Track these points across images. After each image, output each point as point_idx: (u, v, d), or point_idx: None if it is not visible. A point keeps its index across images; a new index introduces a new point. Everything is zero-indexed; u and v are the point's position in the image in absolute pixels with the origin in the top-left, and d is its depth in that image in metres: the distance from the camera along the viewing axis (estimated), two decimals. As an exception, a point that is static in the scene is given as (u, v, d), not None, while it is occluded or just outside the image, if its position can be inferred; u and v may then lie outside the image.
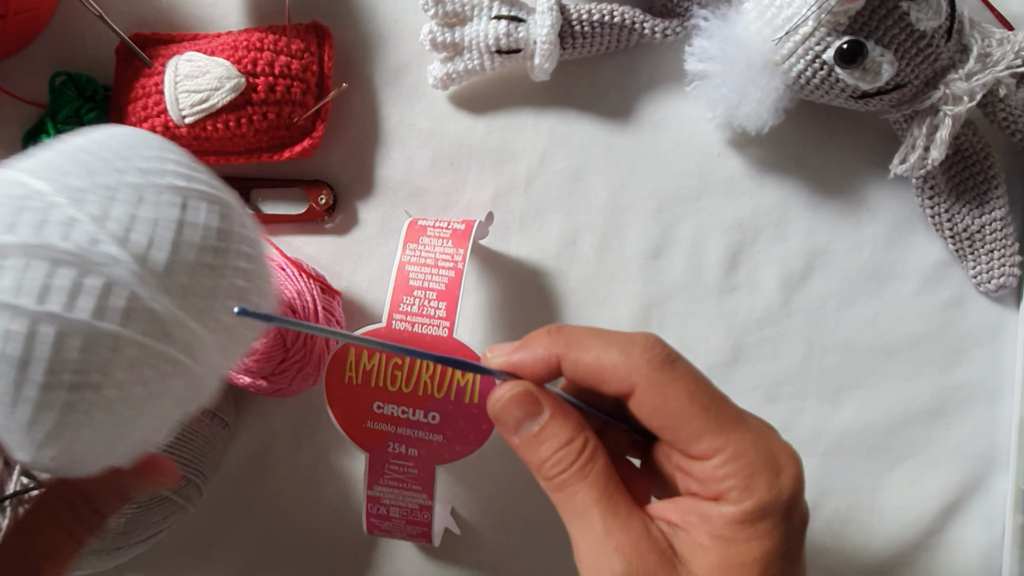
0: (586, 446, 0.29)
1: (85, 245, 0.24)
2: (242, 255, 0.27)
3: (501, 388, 0.30)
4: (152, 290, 0.24)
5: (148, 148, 0.27)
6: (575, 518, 0.28)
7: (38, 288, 0.23)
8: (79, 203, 0.24)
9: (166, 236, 0.25)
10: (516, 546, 0.48)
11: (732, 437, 0.27)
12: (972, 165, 0.46)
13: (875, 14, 0.40)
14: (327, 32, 0.46)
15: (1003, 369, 0.48)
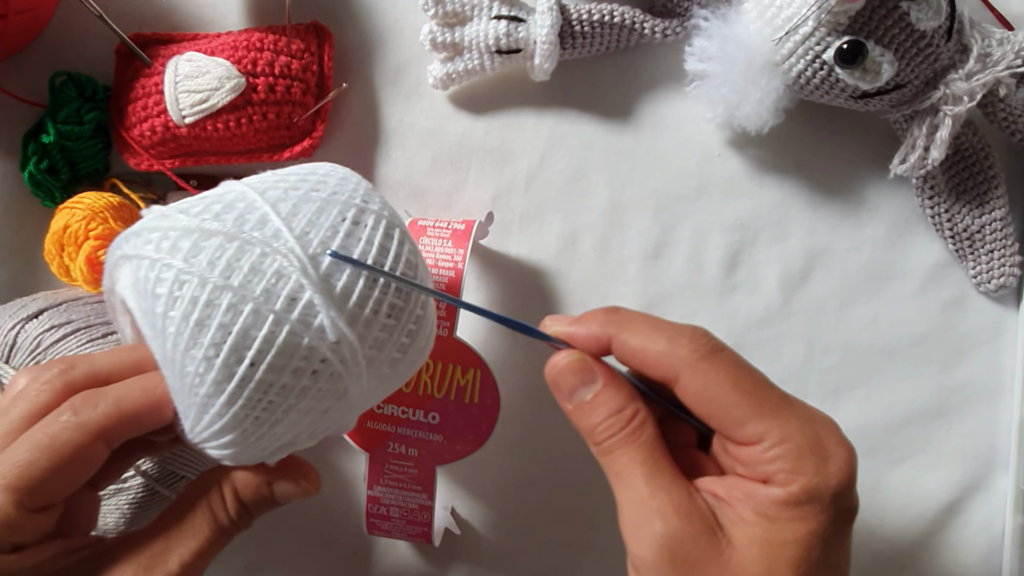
0: (636, 415, 0.29)
1: (270, 237, 0.28)
2: (402, 272, 0.30)
3: (558, 355, 0.31)
4: (314, 285, 0.28)
5: (344, 178, 0.32)
6: (620, 481, 0.29)
7: (224, 265, 0.27)
8: (274, 205, 0.29)
9: (334, 241, 0.29)
10: (516, 546, 0.48)
11: (777, 422, 0.27)
12: (972, 165, 0.46)
13: (875, 14, 0.40)
14: (327, 32, 0.46)
15: (1003, 369, 0.48)
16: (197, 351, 0.27)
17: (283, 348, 0.28)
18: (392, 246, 0.30)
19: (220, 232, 0.28)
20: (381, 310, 0.29)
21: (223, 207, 0.29)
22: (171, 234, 0.28)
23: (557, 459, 0.47)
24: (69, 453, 0.28)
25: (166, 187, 0.47)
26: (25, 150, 0.44)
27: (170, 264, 0.28)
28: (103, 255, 0.42)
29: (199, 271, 0.27)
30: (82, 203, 0.42)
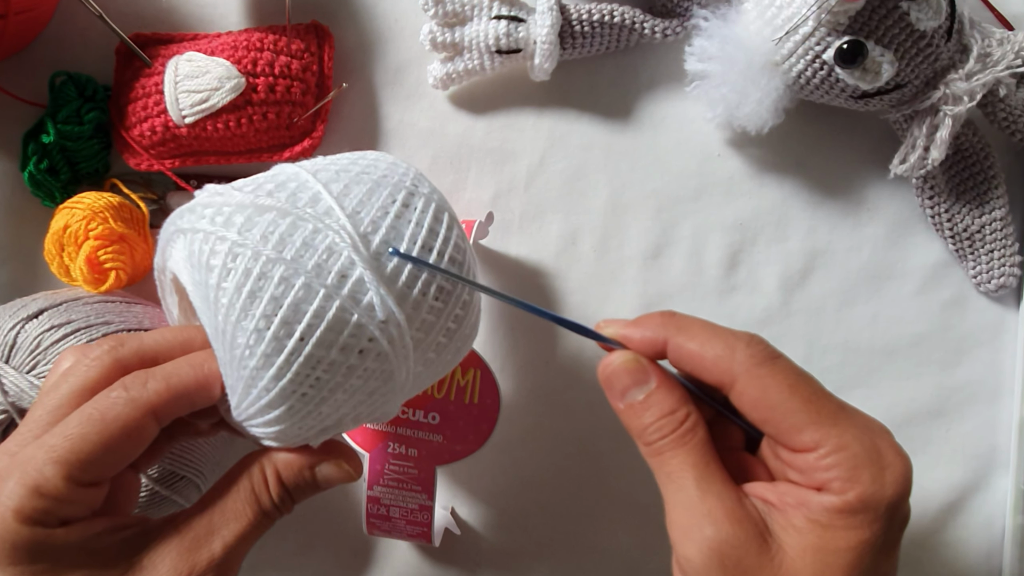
0: (688, 418, 0.29)
1: (322, 213, 0.28)
2: (451, 256, 0.30)
3: (613, 355, 0.31)
4: (365, 262, 0.28)
5: (394, 163, 0.32)
6: (670, 483, 0.29)
7: (277, 239, 0.28)
8: (326, 185, 0.30)
9: (384, 220, 0.29)
10: (516, 546, 0.48)
11: (835, 431, 0.27)
12: (972, 165, 0.46)
13: (875, 14, 0.40)
14: (327, 32, 0.46)
15: (1003, 369, 0.48)
16: (248, 322, 0.27)
17: (332, 323, 0.28)
18: (441, 229, 0.31)
19: (274, 208, 0.28)
20: (430, 292, 0.30)
21: (276, 185, 0.30)
22: (225, 209, 0.29)
23: (557, 459, 0.47)
24: (120, 429, 0.28)
25: (166, 187, 0.47)
26: (25, 150, 0.44)
27: (224, 236, 0.28)
28: (103, 255, 0.42)
29: (252, 244, 0.28)
30: (82, 203, 0.42)
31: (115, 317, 0.41)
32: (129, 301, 0.43)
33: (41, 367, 0.38)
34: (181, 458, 0.40)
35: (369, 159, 0.32)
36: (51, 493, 0.27)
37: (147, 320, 0.42)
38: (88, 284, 0.42)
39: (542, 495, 0.48)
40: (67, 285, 0.44)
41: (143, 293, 0.46)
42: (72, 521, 0.28)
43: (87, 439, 0.28)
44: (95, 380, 0.30)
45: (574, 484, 0.47)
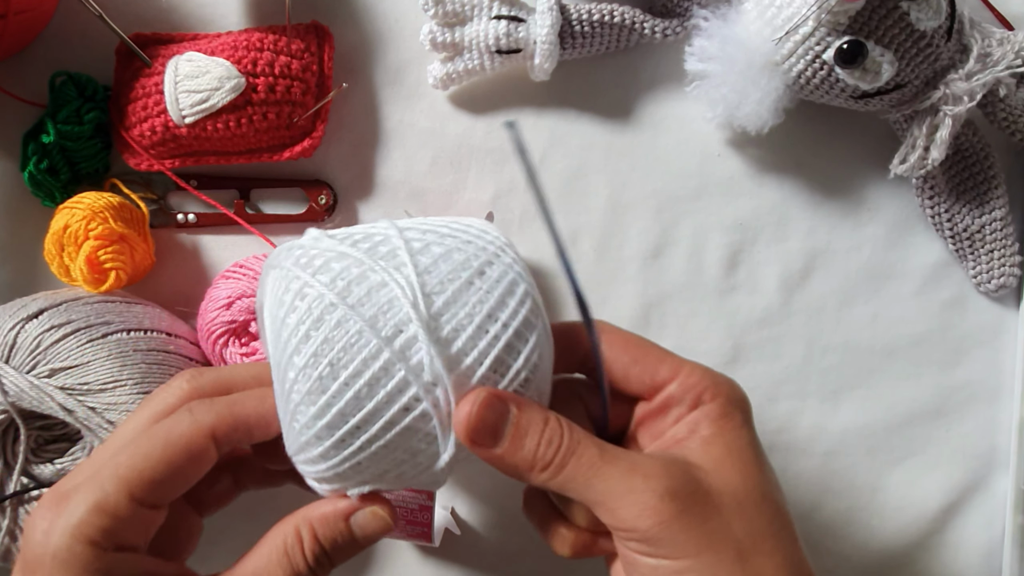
0: (559, 419, 0.29)
1: (392, 267, 0.29)
2: (517, 330, 0.29)
3: (464, 405, 0.28)
4: (421, 320, 0.28)
5: (484, 232, 0.32)
6: (592, 479, 0.28)
7: (344, 285, 0.29)
8: (408, 242, 0.30)
9: (453, 284, 0.29)
10: (516, 546, 0.48)
11: (678, 358, 0.31)
12: (972, 165, 0.46)
13: (875, 14, 0.40)
14: (327, 32, 0.46)
15: (1003, 369, 0.48)
16: (299, 359, 0.28)
17: (378, 374, 0.28)
18: (511, 302, 0.30)
19: (351, 256, 0.30)
20: (485, 362, 0.29)
21: (364, 236, 0.31)
22: (312, 252, 0.30)
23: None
24: (182, 447, 0.29)
25: (166, 187, 0.47)
26: (25, 150, 0.44)
27: (299, 276, 0.29)
28: (103, 255, 0.42)
29: (320, 286, 0.29)
30: (82, 203, 0.42)
31: (115, 317, 0.41)
32: (129, 301, 0.43)
33: (41, 367, 0.38)
34: None
35: (463, 224, 0.32)
36: (111, 511, 0.27)
37: (147, 320, 0.42)
38: (88, 284, 0.42)
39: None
40: (67, 285, 0.44)
41: (143, 293, 0.46)
42: (126, 548, 0.28)
43: (149, 457, 0.28)
44: (172, 406, 0.31)
45: (574, 484, 0.47)
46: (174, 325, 0.44)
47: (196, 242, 0.47)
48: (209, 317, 0.43)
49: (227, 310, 0.42)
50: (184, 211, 0.47)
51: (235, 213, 0.46)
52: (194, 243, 0.47)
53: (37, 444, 0.40)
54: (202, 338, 0.43)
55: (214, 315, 0.43)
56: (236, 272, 0.44)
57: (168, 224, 0.47)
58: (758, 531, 0.28)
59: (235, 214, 0.46)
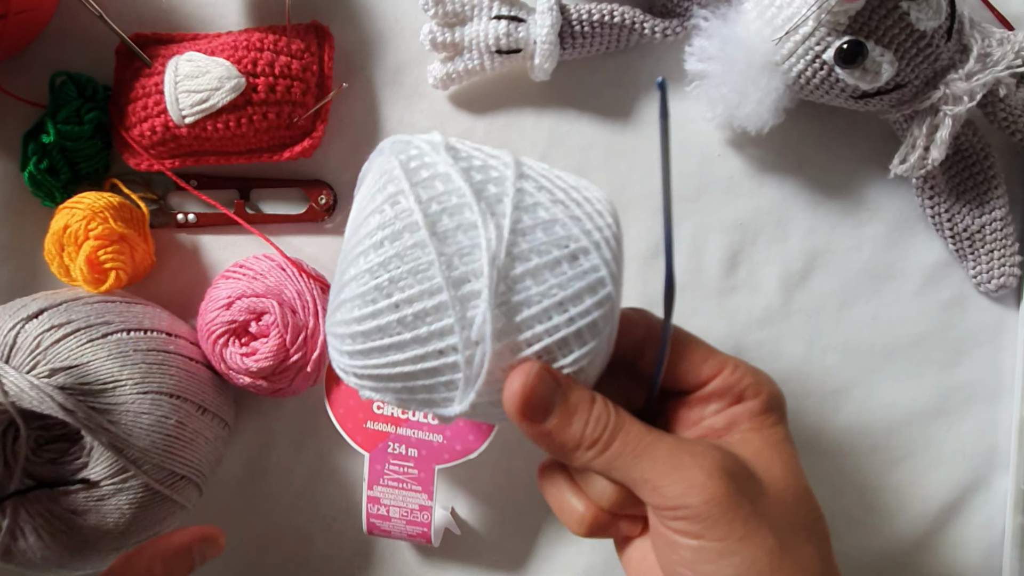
0: (604, 399, 0.30)
1: (490, 212, 0.28)
2: (580, 330, 0.29)
3: (517, 377, 0.28)
4: (491, 281, 0.28)
5: (599, 214, 0.31)
6: (640, 457, 0.28)
7: (439, 209, 0.28)
8: (520, 190, 0.29)
9: (540, 257, 0.29)
10: (516, 546, 0.48)
11: (722, 354, 0.32)
12: (972, 165, 0.46)
13: (875, 14, 0.40)
14: (327, 32, 0.46)
15: (1003, 369, 0.48)
16: (364, 261, 0.29)
17: (429, 311, 0.28)
18: (588, 301, 0.29)
19: (456, 184, 0.29)
20: (535, 345, 0.29)
21: (482, 166, 0.30)
22: (425, 159, 0.29)
23: (557, 459, 0.47)
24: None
25: (166, 187, 0.47)
26: (25, 150, 0.44)
27: (400, 180, 0.29)
28: (103, 255, 0.42)
29: (414, 201, 0.28)
30: (82, 203, 0.42)
31: (115, 317, 0.41)
32: (129, 301, 0.43)
33: (41, 367, 0.38)
34: (180, 457, 0.40)
35: (584, 195, 0.31)
36: None
37: (147, 320, 0.42)
38: (88, 284, 0.42)
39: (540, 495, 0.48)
40: (67, 285, 0.44)
41: (143, 293, 0.46)
42: None
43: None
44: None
45: (574, 484, 0.47)
46: (174, 325, 0.44)
47: (196, 242, 0.47)
48: (209, 317, 0.43)
49: (227, 310, 0.42)
50: (184, 211, 0.47)
51: (235, 213, 0.46)
52: (194, 243, 0.47)
53: (37, 444, 0.40)
54: (202, 338, 0.43)
55: (214, 315, 0.43)
56: (236, 272, 0.44)
57: (168, 224, 0.47)
58: (798, 523, 0.29)
59: (235, 214, 0.46)
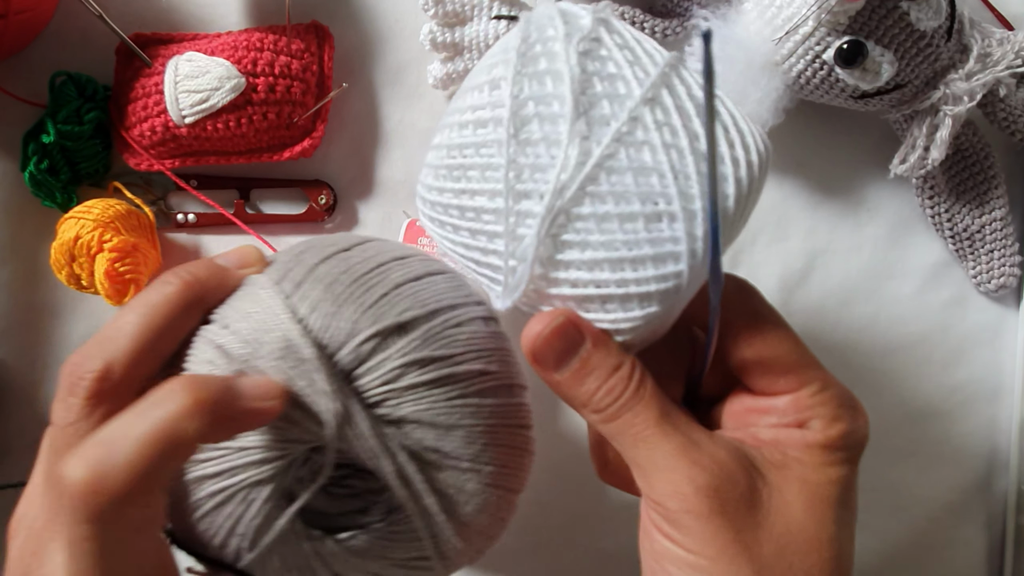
0: (634, 370, 0.27)
1: (582, 139, 0.25)
2: (626, 299, 0.27)
3: (538, 322, 0.27)
4: (548, 215, 0.26)
5: (742, 158, 0.27)
6: (639, 442, 0.27)
7: (528, 115, 0.26)
8: (631, 122, 0.26)
9: (613, 207, 0.25)
10: (516, 546, 0.48)
11: (820, 373, 0.28)
12: (972, 165, 0.46)
13: (875, 14, 0.40)
14: (327, 32, 0.46)
15: (1003, 369, 0.48)
16: (446, 134, 0.28)
17: (481, 210, 0.27)
18: (652, 271, 0.26)
19: (564, 95, 0.25)
20: (576, 291, 0.27)
21: (611, 76, 0.26)
22: (549, 45, 0.26)
23: (556, 459, 0.47)
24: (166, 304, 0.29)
25: (166, 187, 0.47)
26: (25, 150, 0.44)
27: (511, 64, 0.26)
28: (121, 267, 0.42)
29: (511, 97, 0.26)
30: (91, 213, 0.42)
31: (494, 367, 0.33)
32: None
33: (386, 407, 0.29)
34: (477, 555, 0.34)
35: (730, 145, 0.27)
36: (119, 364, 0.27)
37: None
38: (110, 298, 0.42)
39: (543, 496, 0.48)
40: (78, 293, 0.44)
41: (143, 293, 0.46)
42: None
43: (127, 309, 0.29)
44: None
45: (574, 484, 0.47)
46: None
47: (196, 242, 0.47)
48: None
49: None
50: (184, 211, 0.47)
51: (235, 213, 0.46)
52: (194, 243, 0.47)
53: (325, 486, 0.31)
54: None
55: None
56: (236, 272, 0.44)
57: (168, 224, 0.47)
58: (796, 569, 0.26)
59: (235, 214, 0.46)
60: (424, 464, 0.29)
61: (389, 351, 0.29)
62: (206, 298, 0.30)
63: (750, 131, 0.27)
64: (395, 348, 0.29)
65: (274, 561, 0.29)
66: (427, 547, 0.30)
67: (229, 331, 0.29)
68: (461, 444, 0.29)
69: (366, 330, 0.29)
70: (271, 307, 0.29)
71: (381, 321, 0.29)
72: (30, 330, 0.46)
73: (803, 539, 0.26)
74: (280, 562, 0.29)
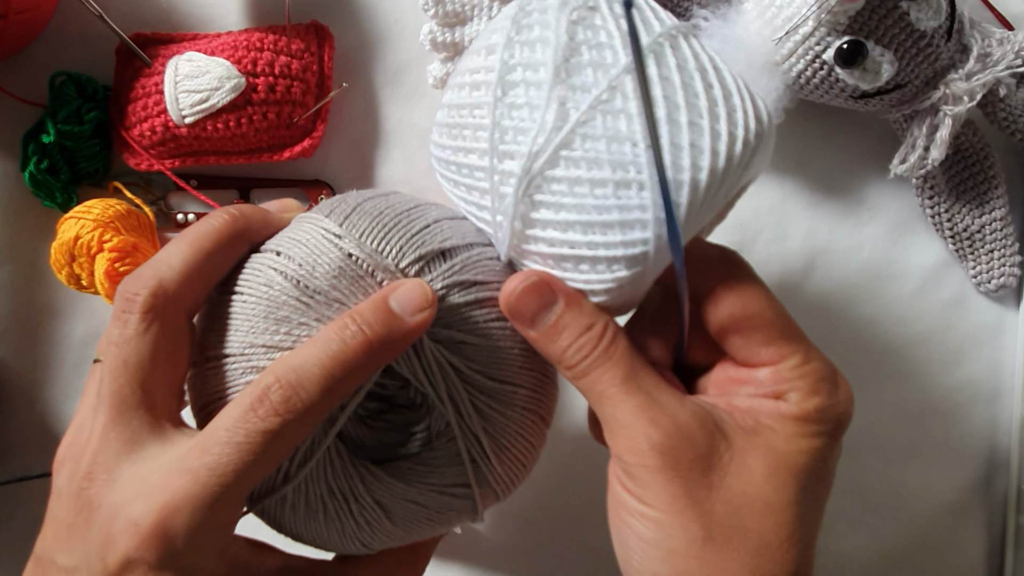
0: (606, 330, 0.29)
1: (573, 92, 0.27)
2: (595, 261, 0.28)
3: (513, 280, 0.29)
4: (524, 177, 0.27)
5: (728, 133, 0.27)
6: (604, 400, 0.28)
7: (519, 78, 0.27)
8: (627, 71, 0.27)
9: (587, 171, 0.26)
10: (516, 546, 0.48)
11: (803, 346, 0.29)
12: (972, 165, 0.46)
13: (875, 14, 0.40)
14: (327, 32, 0.46)
15: (1003, 369, 0.48)
16: (450, 94, 0.29)
17: (471, 168, 0.29)
18: (617, 234, 0.27)
19: (546, 62, 0.27)
20: (548, 252, 0.28)
21: (601, 43, 0.27)
22: (551, 19, 0.27)
23: (556, 458, 0.47)
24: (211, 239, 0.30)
25: (166, 187, 0.47)
26: (25, 150, 0.44)
27: (501, 36, 0.28)
28: (121, 267, 0.42)
29: (499, 60, 0.27)
30: (91, 213, 0.42)
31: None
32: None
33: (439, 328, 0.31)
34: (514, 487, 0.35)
35: (712, 117, 0.27)
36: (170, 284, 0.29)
37: None
38: (110, 297, 0.42)
39: (542, 495, 0.48)
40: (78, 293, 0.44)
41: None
42: None
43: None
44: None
45: (574, 484, 0.47)
46: None
47: (196, 242, 0.47)
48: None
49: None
50: (184, 211, 0.47)
51: (235, 213, 0.46)
52: (194, 243, 0.47)
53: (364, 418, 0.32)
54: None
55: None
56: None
57: (168, 224, 0.47)
58: (746, 530, 0.27)
59: (235, 214, 0.46)
60: (468, 383, 0.30)
61: (434, 273, 0.30)
62: (250, 231, 0.31)
63: (742, 105, 0.28)
64: (439, 271, 0.30)
65: (320, 486, 0.30)
66: (467, 472, 0.31)
67: (283, 256, 0.30)
68: (500, 364, 0.31)
69: (413, 253, 0.30)
70: (323, 233, 0.30)
71: (426, 246, 0.31)
72: (30, 330, 0.46)
73: (760, 503, 0.27)
74: (326, 487, 0.30)
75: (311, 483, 0.29)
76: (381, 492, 0.30)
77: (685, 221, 0.26)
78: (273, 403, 0.26)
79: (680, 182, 0.26)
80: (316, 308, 0.29)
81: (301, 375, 0.27)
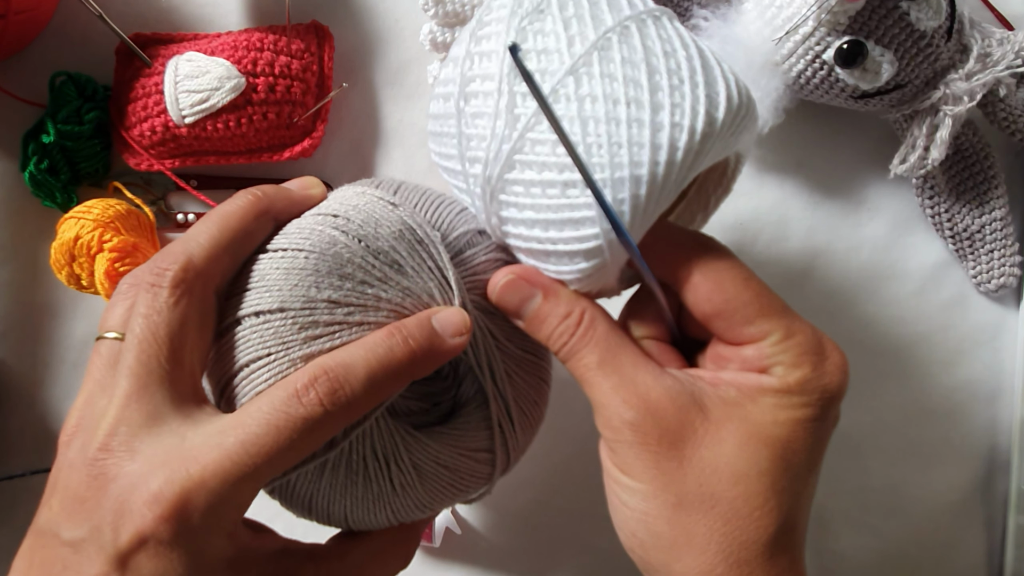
0: (583, 317, 0.31)
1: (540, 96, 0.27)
2: (559, 256, 0.30)
3: (496, 276, 0.32)
4: (495, 164, 0.29)
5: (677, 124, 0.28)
6: (585, 381, 0.30)
7: (467, 91, 0.29)
8: (570, 73, 0.28)
9: (535, 155, 0.28)
10: (516, 546, 0.48)
11: (784, 321, 0.30)
12: (972, 165, 0.46)
13: (875, 14, 0.40)
14: (327, 32, 0.46)
15: (1003, 369, 0.48)
16: (431, 101, 0.31)
17: (456, 171, 0.31)
18: (570, 231, 0.29)
19: (495, 73, 0.29)
20: (523, 243, 0.30)
21: (547, 50, 0.28)
22: (498, 30, 0.29)
23: (557, 459, 0.47)
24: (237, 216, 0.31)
25: (166, 187, 0.47)
26: (25, 150, 0.44)
27: (460, 49, 0.29)
28: (120, 267, 0.42)
29: (466, 72, 0.29)
30: (91, 213, 0.42)
31: None
32: None
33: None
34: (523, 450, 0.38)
35: (667, 111, 0.28)
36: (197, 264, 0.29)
37: None
38: (110, 297, 0.42)
39: (542, 495, 0.48)
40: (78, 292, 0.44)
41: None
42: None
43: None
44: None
45: (574, 484, 0.47)
46: None
47: (196, 242, 0.47)
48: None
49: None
50: (184, 211, 0.47)
51: (235, 213, 0.46)
52: (194, 243, 0.47)
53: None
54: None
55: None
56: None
57: (168, 224, 0.47)
58: (717, 499, 0.28)
59: (235, 214, 0.46)
60: (503, 351, 0.33)
61: (478, 247, 0.33)
62: (274, 209, 0.32)
63: (692, 95, 0.28)
64: (482, 245, 0.33)
65: (366, 447, 0.31)
66: (494, 436, 0.33)
67: (341, 218, 0.31)
68: (525, 335, 0.33)
69: (461, 227, 0.33)
70: (380, 200, 0.32)
71: (469, 224, 0.33)
72: (30, 330, 0.46)
73: (729, 472, 0.28)
74: (371, 448, 0.31)
75: (356, 445, 0.31)
76: (420, 455, 0.32)
77: (633, 217, 0.27)
78: (319, 393, 0.27)
79: (620, 179, 0.27)
80: (380, 268, 0.30)
81: (348, 372, 0.28)
